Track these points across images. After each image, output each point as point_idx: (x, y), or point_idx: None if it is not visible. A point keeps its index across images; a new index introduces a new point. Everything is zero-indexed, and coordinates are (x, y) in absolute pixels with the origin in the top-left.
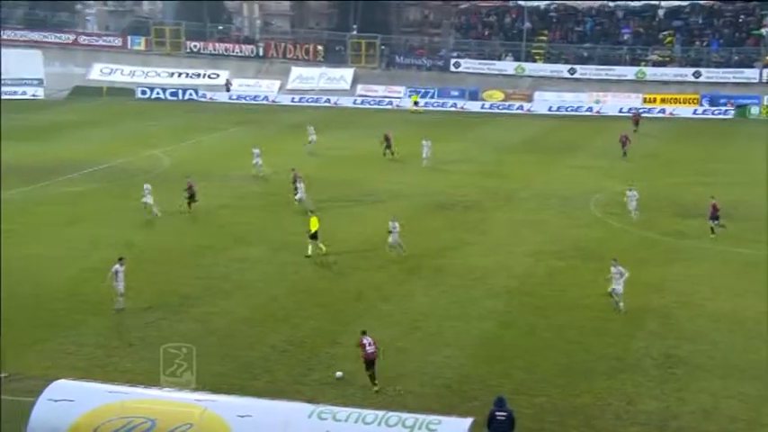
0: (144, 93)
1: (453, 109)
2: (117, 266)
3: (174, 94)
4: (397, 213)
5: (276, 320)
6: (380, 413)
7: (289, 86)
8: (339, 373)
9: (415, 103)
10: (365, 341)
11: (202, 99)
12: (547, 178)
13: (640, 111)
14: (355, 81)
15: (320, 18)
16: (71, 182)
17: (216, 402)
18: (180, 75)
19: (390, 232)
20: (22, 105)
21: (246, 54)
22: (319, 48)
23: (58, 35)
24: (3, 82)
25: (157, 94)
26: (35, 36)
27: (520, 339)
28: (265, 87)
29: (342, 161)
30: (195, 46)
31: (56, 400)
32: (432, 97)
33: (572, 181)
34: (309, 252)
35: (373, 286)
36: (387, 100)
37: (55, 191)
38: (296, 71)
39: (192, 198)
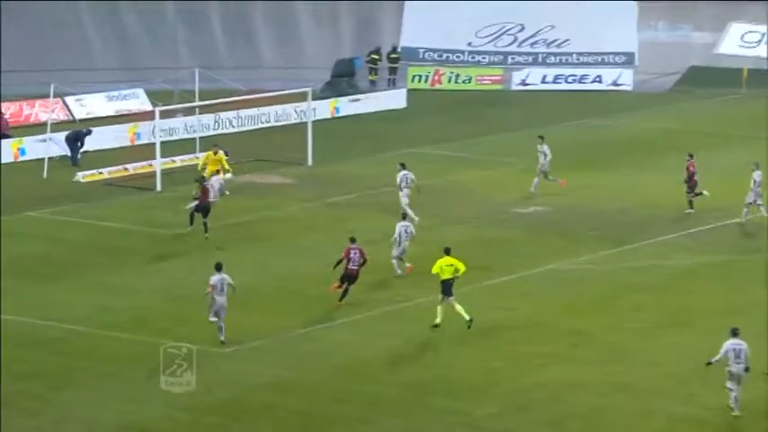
0: None
1: None
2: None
3: None
4: None
5: None
6: None
7: None
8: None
9: None
10: (353, 252)
11: None
12: None
13: None
14: None
15: None
16: (664, 247)
17: None
18: None
19: None
20: (596, 102)
21: None
22: None
23: None
24: (562, 60)
25: None
26: None
27: None
28: None
29: None
30: None
31: None
32: None
33: None
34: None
35: None
36: None
37: (631, 259)
38: None
39: (692, 188)
